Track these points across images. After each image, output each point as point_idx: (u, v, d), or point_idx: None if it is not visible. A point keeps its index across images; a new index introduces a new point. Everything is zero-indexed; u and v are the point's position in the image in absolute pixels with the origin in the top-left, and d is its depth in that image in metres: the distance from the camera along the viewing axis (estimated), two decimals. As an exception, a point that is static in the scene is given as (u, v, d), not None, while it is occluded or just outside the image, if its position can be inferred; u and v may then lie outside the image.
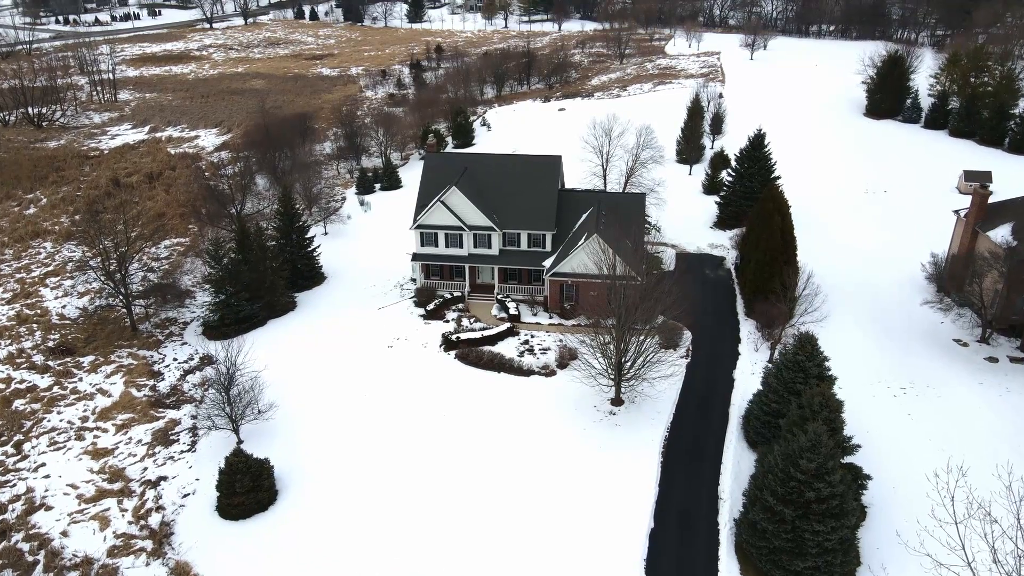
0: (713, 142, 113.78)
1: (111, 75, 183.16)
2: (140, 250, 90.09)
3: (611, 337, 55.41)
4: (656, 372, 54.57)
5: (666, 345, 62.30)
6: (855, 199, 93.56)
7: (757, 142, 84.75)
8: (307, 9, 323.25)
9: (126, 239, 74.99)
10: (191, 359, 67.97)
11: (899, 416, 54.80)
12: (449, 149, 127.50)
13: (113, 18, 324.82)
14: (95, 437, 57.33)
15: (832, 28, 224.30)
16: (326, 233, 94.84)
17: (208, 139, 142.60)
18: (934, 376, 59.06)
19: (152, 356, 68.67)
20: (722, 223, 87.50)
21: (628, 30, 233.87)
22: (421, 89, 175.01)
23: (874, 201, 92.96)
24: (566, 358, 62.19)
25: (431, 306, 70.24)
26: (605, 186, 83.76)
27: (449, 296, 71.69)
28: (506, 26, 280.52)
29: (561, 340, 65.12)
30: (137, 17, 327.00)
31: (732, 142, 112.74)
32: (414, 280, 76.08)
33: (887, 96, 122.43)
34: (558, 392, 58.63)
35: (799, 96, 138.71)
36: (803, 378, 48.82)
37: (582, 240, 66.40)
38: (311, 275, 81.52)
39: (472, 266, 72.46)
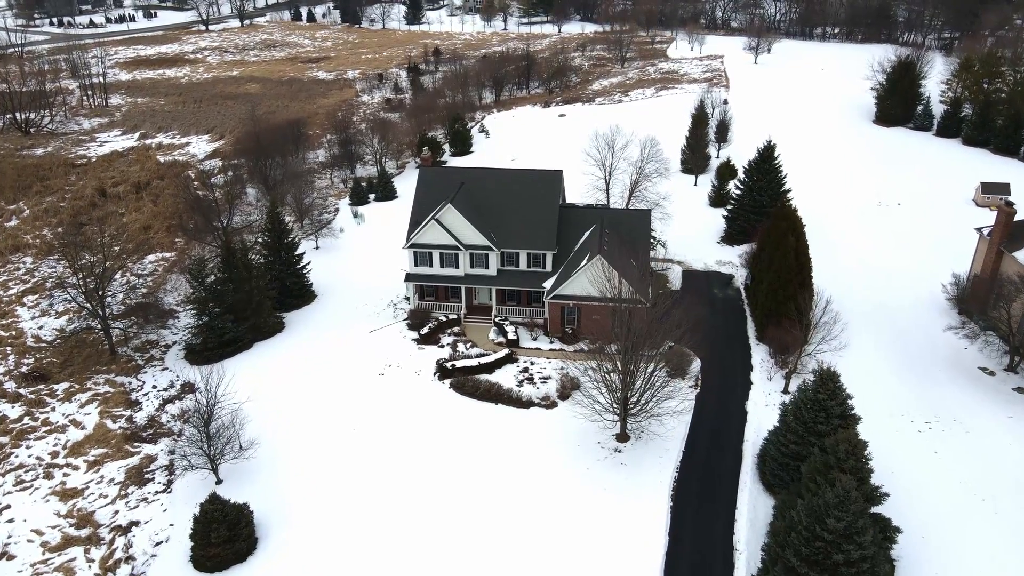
0: (719, 151, 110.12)
1: (102, 79, 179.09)
2: (123, 266, 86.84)
3: (615, 366, 51.78)
4: (665, 408, 50.81)
5: (674, 373, 58.62)
6: (867, 212, 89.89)
7: (767, 154, 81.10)
8: (304, 11, 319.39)
9: (104, 258, 71.02)
10: (171, 386, 64.33)
11: (925, 455, 51.17)
12: (446, 157, 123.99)
13: (108, 20, 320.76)
14: (65, 476, 53.68)
15: (837, 31, 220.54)
16: (317, 247, 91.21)
17: (199, 146, 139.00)
18: (960, 409, 55.42)
19: (130, 383, 65.01)
20: (730, 238, 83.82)
21: (629, 32, 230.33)
22: (418, 94, 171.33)
23: (887, 214, 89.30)
24: (568, 388, 58.55)
25: (425, 330, 66.60)
26: (608, 201, 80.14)
27: (444, 319, 68.03)
28: (505, 28, 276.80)
29: (563, 368, 61.48)
30: (132, 19, 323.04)
31: (738, 151, 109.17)
32: (408, 299, 72.48)
33: (897, 103, 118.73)
34: (559, 426, 54.99)
35: (805, 102, 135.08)
36: (824, 418, 45.22)
37: (584, 261, 62.75)
38: (301, 293, 77.90)
39: (469, 287, 68.81)
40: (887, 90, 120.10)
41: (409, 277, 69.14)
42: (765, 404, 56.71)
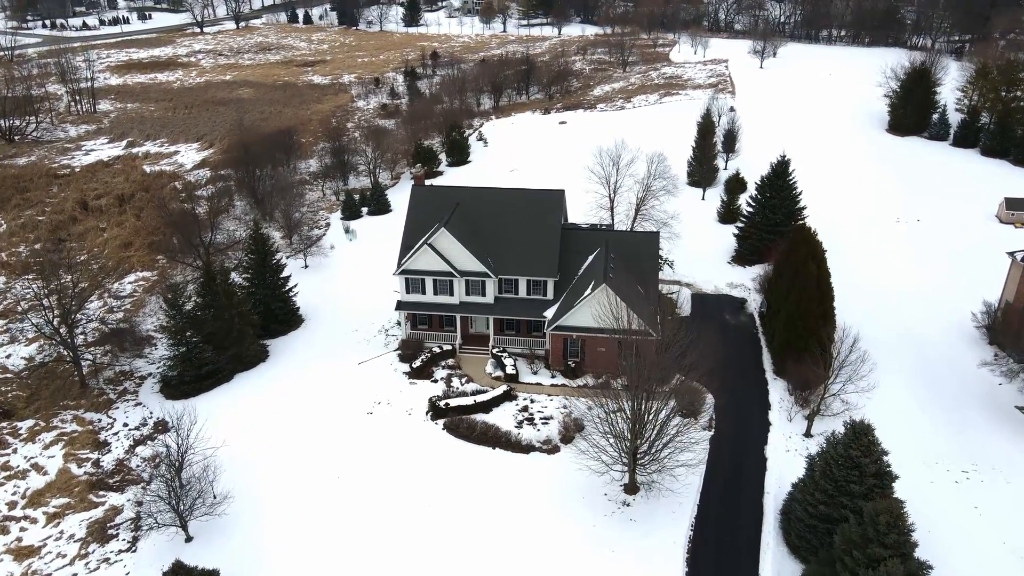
0: (727, 162, 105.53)
1: (90, 84, 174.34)
2: (100, 287, 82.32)
3: (621, 407, 47.29)
4: (679, 460, 46.21)
5: (685, 412, 54.02)
6: (885, 229, 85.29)
7: (780, 169, 76.55)
8: (301, 12, 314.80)
9: (73, 284, 66.43)
10: (144, 424, 59.71)
11: (964, 510, 46.63)
12: (443, 167, 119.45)
13: (102, 22, 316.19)
14: (22, 530, 49.10)
15: (842, 33, 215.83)
16: (306, 266, 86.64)
17: (188, 155, 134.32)
18: (999, 455, 50.87)
19: (100, 420, 60.40)
20: (741, 258, 79.28)
21: (630, 35, 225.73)
22: (415, 99, 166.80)
23: (907, 232, 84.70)
24: (571, 430, 53.98)
25: (417, 363, 61.96)
26: (612, 220, 75.56)
27: (438, 350, 63.39)
28: (504, 30, 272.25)
29: (566, 407, 56.88)
30: (126, 21, 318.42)
31: (747, 162, 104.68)
32: (400, 324, 67.79)
33: (912, 111, 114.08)
34: (562, 475, 50.40)
35: (815, 109, 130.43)
36: (858, 476, 40.64)
37: (588, 291, 58.17)
38: (287, 318, 73.33)
39: (464, 316, 64.26)
40: (901, 98, 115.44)
41: (400, 305, 64.52)
42: (786, 449, 52.15)
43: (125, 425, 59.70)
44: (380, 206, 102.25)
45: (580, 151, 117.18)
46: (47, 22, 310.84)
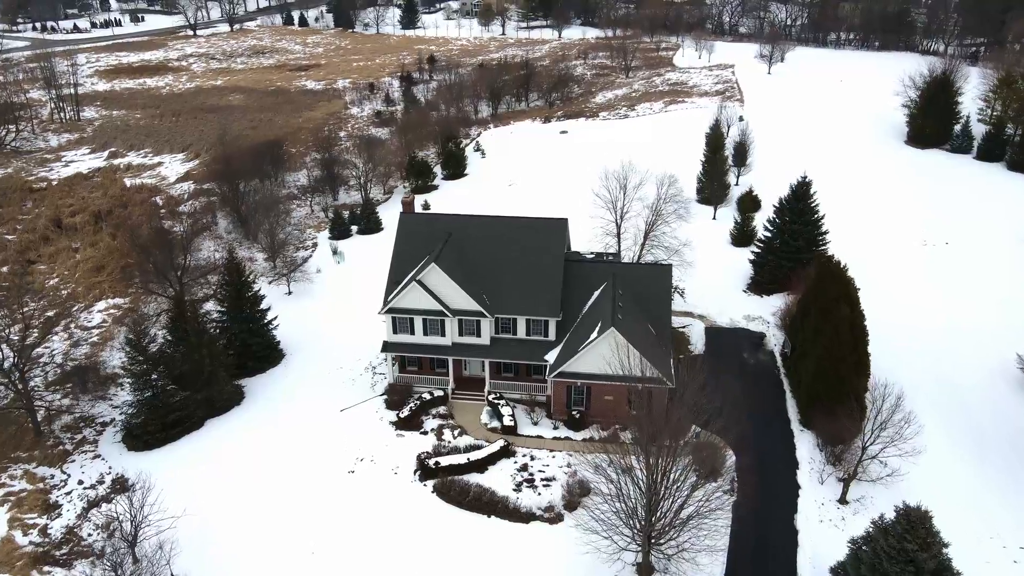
0: (738, 177, 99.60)
1: (73, 90, 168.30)
2: (67, 315, 76.68)
3: (629, 464, 41.65)
4: (702, 544, 40.29)
5: (703, 473, 48.10)
6: (911, 253, 79.38)
7: (801, 191, 70.69)
8: (296, 15, 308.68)
9: (25, 323, 60.52)
10: (101, 482, 53.81)
11: (1027, 597, 40.77)
12: (438, 180, 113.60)
13: (93, 25, 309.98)
14: (-48, 617, 43.24)
15: (852, 36, 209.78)
16: (289, 292, 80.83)
17: (172, 166, 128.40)
18: (1061, 527, 45.00)
19: (52, 477, 54.52)
20: (758, 287, 73.41)
21: (632, 38, 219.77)
22: (411, 106, 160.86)
23: (935, 256, 78.76)
24: (576, 495, 48.09)
25: (405, 411, 56.04)
26: (619, 248, 69.61)
27: (428, 396, 57.47)
28: (503, 33, 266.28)
29: (570, 465, 50.97)
30: (119, 24, 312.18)
31: (760, 177, 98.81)
32: (386, 362, 61.69)
33: (933, 122, 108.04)
34: (566, 551, 44.47)
35: (828, 119, 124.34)
36: (914, 571, 34.77)
37: (595, 334, 52.29)
38: (265, 354, 67.52)
39: (457, 359, 58.37)
40: (921, 108, 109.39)
41: (387, 347, 58.60)
42: (819, 519, 46.27)
43: (80, 483, 53.79)
44: (370, 224, 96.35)
45: (582, 163, 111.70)
46: (37, 25, 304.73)
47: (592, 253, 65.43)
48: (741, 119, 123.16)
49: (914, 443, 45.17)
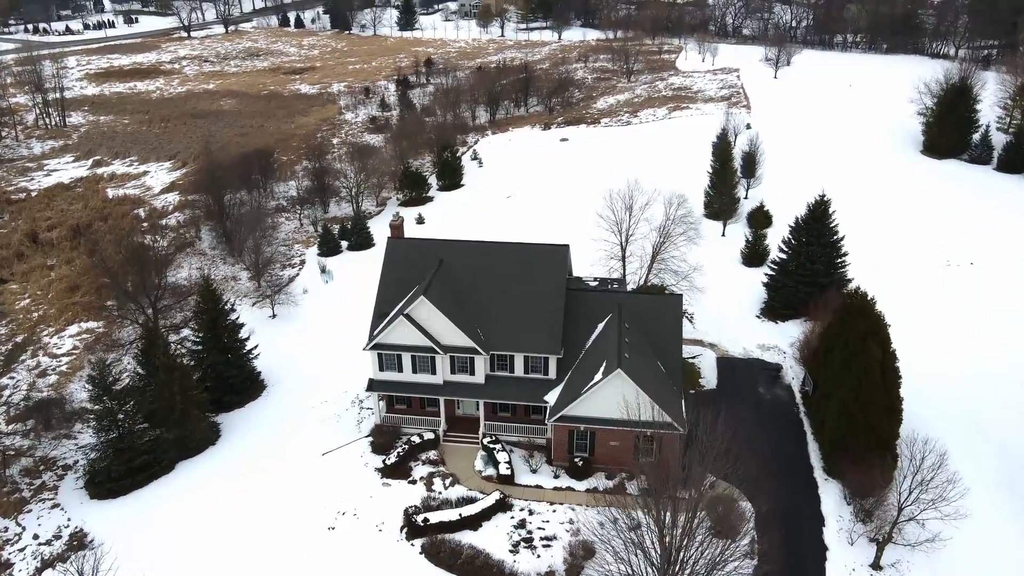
0: (747, 189, 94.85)
1: (59, 95, 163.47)
2: (36, 340, 72.15)
3: (637, 521, 37.16)
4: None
5: (720, 532, 43.45)
6: (934, 275, 74.62)
7: (819, 211, 66.02)
8: (292, 16, 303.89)
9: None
10: (58, 536, 49.10)
11: None
12: (433, 192, 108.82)
13: (86, 26, 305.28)
14: None
15: (858, 38, 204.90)
16: (274, 315, 76.20)
17: (158, 176, 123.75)
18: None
19: (7, 530, 49.83)
20: (773, 311, 68.78)
21: (634, 40, 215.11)
22: (407, 111, 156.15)
23: (959, 278, 74.04)
24: (579, 557, 43.44)
25: (392, 457, 51.35)
26: (624, 272, 64.90)
27: (418, 439, 52.78)
28: (502, 35, 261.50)
29: (572, 522, 46.29)
30: (112, 25, 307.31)
31: (770, 191, 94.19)
32: (370, 396, 56.99)
33: (951, 131, 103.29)
34: (569, 625, 39.82)
35: (839, 127, 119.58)
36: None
37: (600, 376, 47.66)
38: (244, 387, 62.90)
39: (449, 399, 53.71)
40: (938, 116, 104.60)
41: (373, 385, 53.90)
42: (850, 588, 41.61)
43: (35, 537, 49.07)
44: (361, 240, 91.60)
45: (583, 174, 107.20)
46: (29, 26, 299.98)
47: (595, 279, 60.77)
48: (748, 127, 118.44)
49: (958, 505, 40.45)
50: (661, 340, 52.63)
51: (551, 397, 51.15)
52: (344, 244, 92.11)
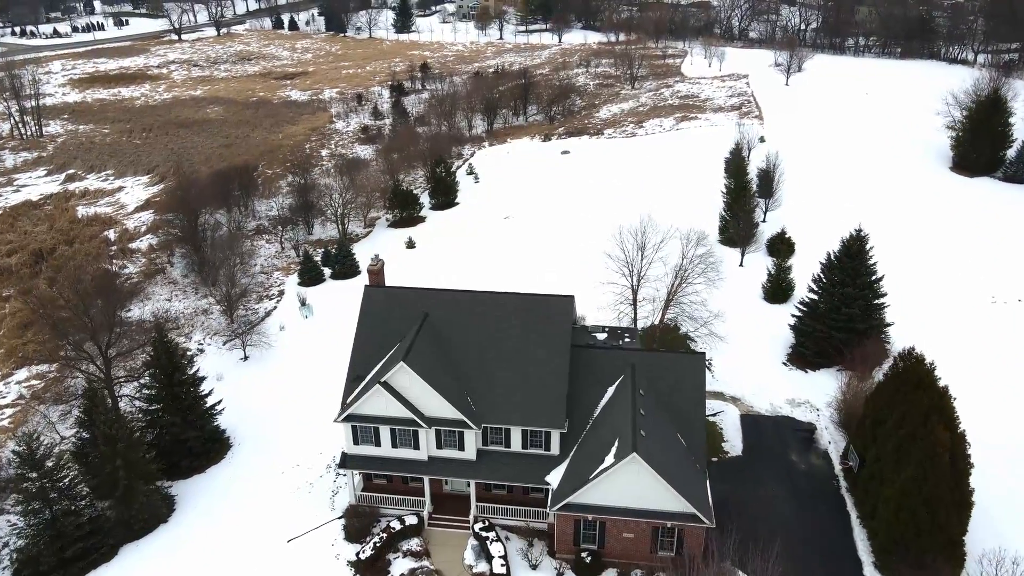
0: (766, 213, 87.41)
1: (35, 103, 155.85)
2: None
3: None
4: None
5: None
6: (979, 314, 67.03)
7: (855, 248, 58.48)
8: (287, 18, 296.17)
9: None
10: (-27, 647, 41.72)
11: None
12: (425, 211, 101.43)
13: (75, 29, 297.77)
14: None
15: (871, 43, 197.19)
16: (245, 358, 68.80)
17: (134, 192, 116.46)
18: None
19: (-87, 638, 42.40)
20: (802, 359, 61.31)
21: (636, 43, 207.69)
22: (400, 120, 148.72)
23: (1008, 317, 66.43)
24: None
25: (368, 550, 43.81)
26: (635, 316, 57.41)
27: (399, 524, 45.28)
28: (501, 38, 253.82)
29: (579, 639, 38.89)
30: (101, 28, 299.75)
31: (791, 213, 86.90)
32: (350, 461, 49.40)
33: (983, 147, 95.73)
34: None
35: (859, 141, 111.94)
36: None
37: (612, 458, 40.24)
38: (205, 449, 55.42)
39: (435, 478, 46.24)
40: (970, 130, 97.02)
41: (347, 461, 46.39)
42: None
43: (-55, 649, 41.67)
44: (346, 268, 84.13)
45: (586, 191, 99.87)
46: (16, 29, 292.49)
47: (604, 329, 53.25)
48: (762, 140, 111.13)
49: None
50: (681, 407, 45.20)
51: (554, 478, 43.68)
52: (327, 272, 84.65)
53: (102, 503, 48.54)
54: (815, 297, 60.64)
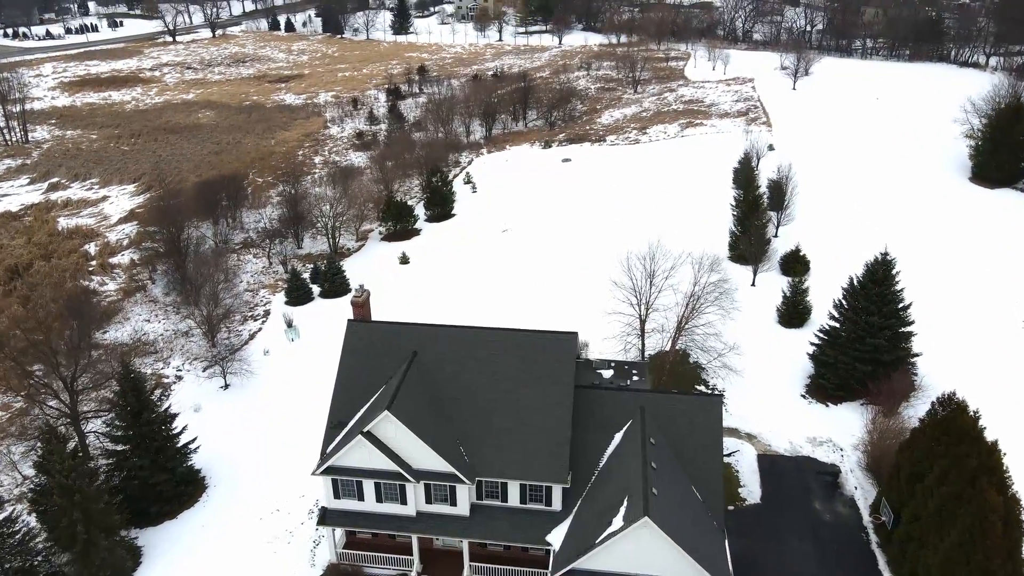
0: (778, 227, 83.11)
1: (20, 107, 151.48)
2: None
3: None
4: None
5: None
6: (1012, 340, 62.71)
7: (881, 274, 54.10)
8: (283, 19, 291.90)
9: None
10: None
11: None
12: (420, 224, 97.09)
13: (68, 31, 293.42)
14: None
15: (879, 45, 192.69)
16: (226, 386, 64.53)
17: (118, 202, 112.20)
18: None
19: None
20: (822, 392, 56.94)
21: (638, 45, 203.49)
22: (396, 125, 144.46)
23: (1041, 344, 62.24)
24: None
25: (349, 617, 39.61)
26: (643, 347, 53.10)
27: (384, 586, 41.09)
28: (500, 39, 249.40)
29: None
30: (95, 29, 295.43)
31: (803, 228, 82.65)
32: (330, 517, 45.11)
33: (1005, 157, 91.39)
34: None
35: (872, 149, 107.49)
36: None
37: (620, 521, 35.88)
38: (176, 493, 51.12)
39: (423, 536, 41.90)
40: (990, 140, 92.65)
41: (328, 517, 42.05)
42: None
43: None
44: (335, 286, 79.78)
45: (588, 202, 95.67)
46: (9, 31, 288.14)
47: (611, 363, 48.87)
48: (771, 148, 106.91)
49: None
50: (696, 454, 40.93)
51: (555, 537, 39.38)
52: (316, 290, 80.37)
53: (60, 557, 44.37)
54: (836, 325, 56.30)
